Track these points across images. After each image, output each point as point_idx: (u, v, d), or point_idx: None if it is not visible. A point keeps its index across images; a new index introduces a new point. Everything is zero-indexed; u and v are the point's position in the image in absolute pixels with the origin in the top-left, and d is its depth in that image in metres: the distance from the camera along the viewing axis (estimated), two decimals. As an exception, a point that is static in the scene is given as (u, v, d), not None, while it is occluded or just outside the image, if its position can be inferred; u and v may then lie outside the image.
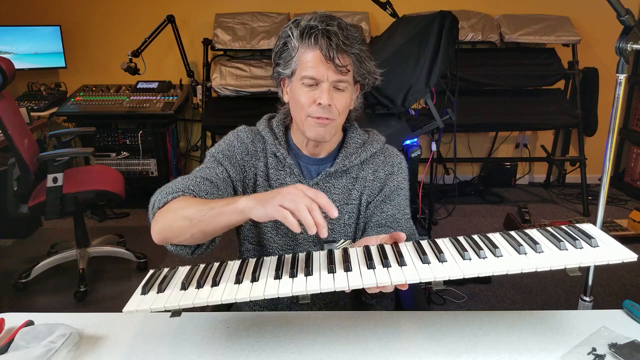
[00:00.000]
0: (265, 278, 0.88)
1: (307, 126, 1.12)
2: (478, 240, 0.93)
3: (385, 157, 1.24)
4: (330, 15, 1.10)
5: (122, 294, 2.59)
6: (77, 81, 3.87)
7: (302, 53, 1.09)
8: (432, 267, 0.85)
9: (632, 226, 3.17)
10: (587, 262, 0.86)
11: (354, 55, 1.09)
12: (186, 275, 0.92)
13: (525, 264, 0.84)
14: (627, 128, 4.15)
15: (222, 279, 0.89)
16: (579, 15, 3.89)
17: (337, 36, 1.05)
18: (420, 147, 2.39)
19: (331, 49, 1.05)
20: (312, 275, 0.86)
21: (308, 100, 1.09)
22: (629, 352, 0.88)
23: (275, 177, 1.19)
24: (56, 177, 2.34)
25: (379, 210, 1.20)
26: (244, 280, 0.87)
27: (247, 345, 0.93)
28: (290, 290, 0.83)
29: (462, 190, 4.01)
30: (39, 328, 0.92)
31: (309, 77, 1.08)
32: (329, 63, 1.06)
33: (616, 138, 2.24)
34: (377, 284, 0.82)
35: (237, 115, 3.57)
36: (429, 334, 0.96)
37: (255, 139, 1.22)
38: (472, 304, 2.49)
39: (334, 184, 1.20)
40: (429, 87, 2.30)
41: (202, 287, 0.87)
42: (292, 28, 1.10)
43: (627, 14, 1.17)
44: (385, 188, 1.21)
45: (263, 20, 3.75)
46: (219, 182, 1.13)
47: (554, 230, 0.96)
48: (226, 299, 0.83)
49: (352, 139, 1.23)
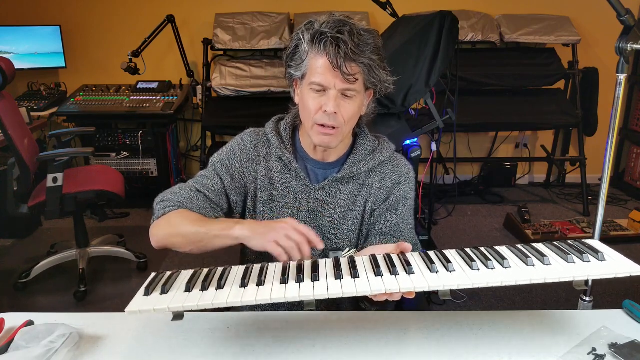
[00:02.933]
0: (272, 282, 0.87)
1: (314, 133, 1.12)
2: (485, 252, 0.94)
3: (393, 166, 1.23)
4: (344, 20, 1.07)
5: (122, 294, 2.59)
6: (77, 81, 3.87)
7: (312, 58, 1.08)
8: (440, 276, 0.85)
9: (632, 226, 3.17)
10: (595, 275, 0.87)
11: (363, 65, 1.07)
12: (190, 278, 0.92)
13: (534, 275, 0.85)
14: (627, 128, 4.15)
15: (227, 282, 0.89)
16: (579, 15, 3.89)
17: (346, 44, 1.03)
18: (420, 147, 2.39)
19: (339, 57, 1.03)
20: (319, 281, 0.86)
21: (315, 107, 1.09)
22: (629, 352, 0.88)
23: (280, 181, 1.19)
24: (56, 177, 2.34)
25: (382, 219, 1.20)
26: (249, 284, 0.87)
27: (247, 345, 0.93)
28: (297, 295, 0.82)
29: (462, 190, 4.01)
30: (39, 328, 0.92)
31: (316, 83, 1.07)
32: (336, 71, 1.05)
33: (616, 138, 2.24)
34: (385, 291, 0.83)
35: (237, 115, 3.57)
36: (429, 334, 0.96)
37: (259, 142, 1.22)
38: (472, 304, 2.49)
39: (339, 189, 1.19)
40: (429, 87, 2.30)
41: (206, 290, 0.87)
42: (304, 31, 1.09)
43: (627, 14, 1.17)
44: (391, 197, 1.21)
45: (263, 20, 3.75)
46: (213, 196, 1.16)
47: (560, 245, 0.97)
48: (232, 302, 0.83)
49: (361, 145, 1.22)
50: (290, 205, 1.18)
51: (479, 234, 3.33)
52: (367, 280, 0.85)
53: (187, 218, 1.08)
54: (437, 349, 0.92)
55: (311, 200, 1.18)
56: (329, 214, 1.19)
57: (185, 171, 4.13)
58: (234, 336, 0.96)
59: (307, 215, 1.18)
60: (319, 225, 1.19)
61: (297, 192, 1.18)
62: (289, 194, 1.18)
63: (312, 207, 1.18)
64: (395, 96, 2.27)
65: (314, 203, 1.18)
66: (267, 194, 1.19)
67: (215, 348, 0.92)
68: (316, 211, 1.18)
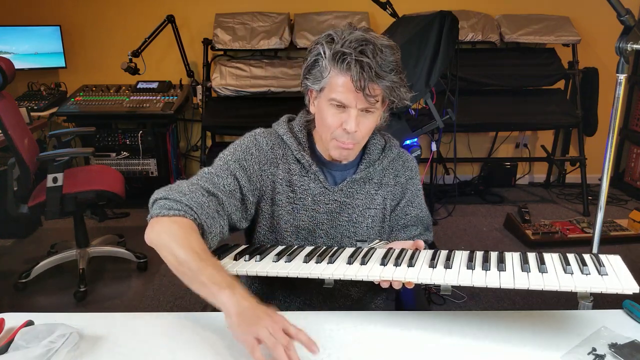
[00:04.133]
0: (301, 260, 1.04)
1: (332, 147, 1.13)
2: (486, 255, 1.00)
3: (403, 162, 1.28)
4: (366, 39, 1.04)
5: (122, 294, 2.59)
6: (77, 81, 3.87)
7: (333, 76, 1.06)
8: (436, 271, 0.94)
9: (632, 226, 3.17)
10: (583, 288, 0.87)
11: (386, 86, 1.06)
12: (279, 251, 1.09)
13: (524, 281, 0.89)
14: (627, 128, 4.15)
15: (295, 258, 1.05)
16: (579, 15, 3.90)
17: (370, 67, 1.01)
18: (420, 147, 2.39)
19: (362, 79, 1.02)
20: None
21: (335, 123, 1.09)
22: (629, 352, 0.88)
23: (298, 184, 1.19)
24: (56, 177, 2.34)
25: (403, 214, 1.27)
26: (294, 260, 1.04)
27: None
28: (321, 272, 0.98)
29: (462, 190, 4.01)
30: (39, 328, 0.91)
31: (337, 100, 1.06)
32: (358, 92, 1.04)
33: (616, 138, 2.24)
34: (379, 278, 0.95)
35: (237, 115, 3.57)
36: (429, 334, 0.96)
37: (275, 144, 1.20)
38: (472, 304, 2.49)
39: (357, 190, 1.21)
40: (429, 87, 2.30)
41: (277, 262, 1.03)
42: (324, 46, 1.06)
43: (627, 14, 1.18)
44: (407, 192, 1.27)
45: (263, 20, 3.75)
46: (225, 197, 1.09)
47: (571, 256, 0.99)
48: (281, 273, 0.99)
49: (373, 145, 1.24)
50: (308, 207, 1.19)
51: (479, 234, 3.33)
52: (370, 268, 0.98)
53: (185, 239, 0.96)
54: (437, 349, 0.92)
55: (329, 202, 1.20)
56: (347, 214, 1.21)
57: (185, 171, 4.13)
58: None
59: (325, 217, 1.20)
60: (337, 225, 1.21)
61: (315, 194, 1.19)
62: (307, 196, 1.19)
63: (330, 208, 1.20)
64: (395, 96, 2.27)
65: (332, 204, 1.20)
66: (286, 197, 1.19)
67: (215, 348, 0.92)
68: (334, 212, 1.20)
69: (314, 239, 1.20)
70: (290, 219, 1.19)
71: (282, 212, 1.19)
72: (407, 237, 1.27)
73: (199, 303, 0.98)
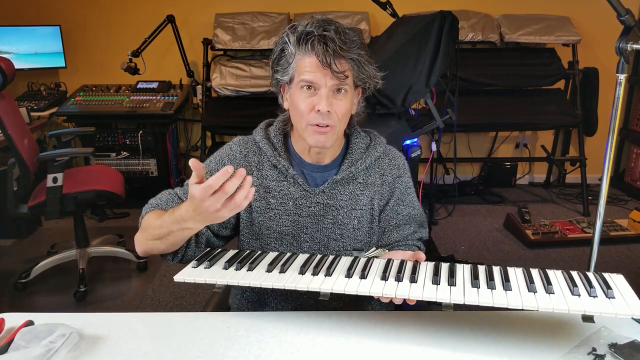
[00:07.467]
0: (293, 271, 1.00)
1: (308, 134, 1.12)
2: (492, 272, 0.97)
3: (390, 160, 1.25)
4: (328, 20, 1.08)
5: (122, 294, 2.59)
6: (77, 81, 3.87)
7: (299, 59, 1.08)
8: (440, 288, 0.92)
9: (632, 226, 3.17)
10: (592, 312, 0.86)
11: (353, 61, 1.07)
12: (231, 257, 1.05)
13: (535, 302, 0.87)
14: (627, 128, 4.15)
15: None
16: (579, 15, 3.90)
17: (333, 42, 1.04)
18: (420, 147, 2.39)
19: (328, 55, 1.04)
20: (331, 277, 0.97)
21: (307, 107, 1.08)
22: (629, 352, 0.88)
23: (277, 189, 1.18)
24: (56, 177, 2.34)
25: (394, 213, 1.24)
26: (274, 271, 0.99)
27: (247, 345, 0.93)
28: (318, 286, 0.94)
29: (462, 190, 4.01)
30: (39, 328, 0.92)
31: (306, 80, 1.07)
32: (326, 69, 1.05)
33: (616, 138, 2.24)
34: (382, 294, 0.91)
35: (237, 115, 3.57)
36: (429, 334, 0.96)
37: (250, 152, 1.21)
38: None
39: (340, 191, 1.19)
40: (429, 87, 2.30)
41: (239, 270, 0.99)
42: (288, 34, 1.09)
43: (627, 14, 1.18)
44: (396, 191, 1.24)
45: (263, 20, 3.75)
46: None
47: (576, 275, 0.97)
48: (253, 284, 0.96)
49: (356, 144, 1.22)
50: (290, 212, 1.18)
51: (479, 234, 3.33)
52: (371, 283, 0.93)
53: (152, 220, 1.07)
54: (437, 349, 0.91)
55: (312, 205, 1.18)
56: (331, 216, 1.19)
57: (185, 171, 4.13)
58: (234, 336, 0.96)
59: (309, 220, 1.18)
60: (322, 228, 1.19)
61: (296, 198, 1.18)
62: (288, 200, 1.18)
63: (314, 211, 1.18)
64: (395, 96, 2.27)
65: (315, 207, 1.18)
66: (264, 203, 1.18)
67: (215, 348, 0.92)
68: (318, 215, 1.18)
69: (299, 244, 1.19)
70: (272, 225, 1.18)
71: (262, 219, 1.18)
72: (400, 236, 1.25)
73: (199, 303, 0.99)
